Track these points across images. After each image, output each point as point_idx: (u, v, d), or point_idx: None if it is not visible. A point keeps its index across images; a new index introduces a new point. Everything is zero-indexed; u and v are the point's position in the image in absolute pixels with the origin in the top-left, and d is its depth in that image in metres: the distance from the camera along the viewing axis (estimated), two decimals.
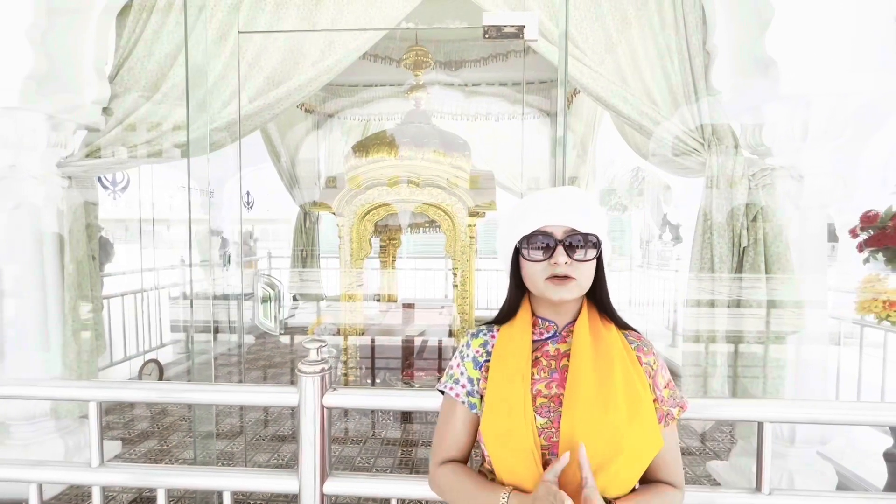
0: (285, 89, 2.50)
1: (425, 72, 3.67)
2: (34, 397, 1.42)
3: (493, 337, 0.95)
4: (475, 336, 0.96)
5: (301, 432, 1.21)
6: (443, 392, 0.96)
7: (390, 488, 1.23)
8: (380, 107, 4.56)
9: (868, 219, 2.41)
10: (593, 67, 2.35)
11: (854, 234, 2.48)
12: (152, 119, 2.53)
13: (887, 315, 2.37)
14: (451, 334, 3.54)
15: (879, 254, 2.37)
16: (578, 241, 0.86)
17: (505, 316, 0.95)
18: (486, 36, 2.16)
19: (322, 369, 1.22)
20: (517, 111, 4.46)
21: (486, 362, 0.92)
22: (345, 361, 3.41)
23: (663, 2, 2.35)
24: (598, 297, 0.92)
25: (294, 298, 5.14)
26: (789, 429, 2.27)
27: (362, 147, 3.39)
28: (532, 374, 0.88)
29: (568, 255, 0.85)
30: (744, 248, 2.27)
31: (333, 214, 3.33)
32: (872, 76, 2.05)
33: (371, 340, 3.52)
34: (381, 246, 4.45)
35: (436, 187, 3.24)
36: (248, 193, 6.93)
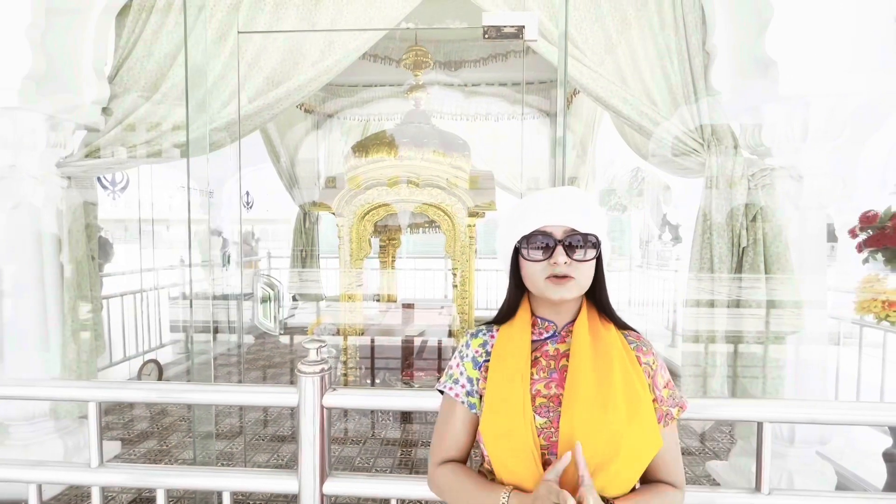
0: (285, 89, 2.50)
1: (425, 72, 3.67)
2: (33, 397, 1.42)
3: (493, 337, 0.95)
4: (475, 336, 0.96)
5: (301, 432, 1.21)
6: (442, 392, 0.96)
7: (390, 488, 1.23)
8: (379, 107, 4.56)
9: (867, 219, 2.41)
10: (593, 68, 2.35)
11: (853, 235, 2.48)
12: (152, 119, 2.53)
13: (886, 315, 2.37)
14: (451, 334, 3.54)
15: (879, 254, 2.37)
16: (578, 241, 0.86)
17: (504, 316, 0.95)
18: (486, 36, 2.16)
19: (322, 369, 1.21)
20: (517, 111, 4.46)
21: (486, 362, 0.92)
22: (344, 362, 3.41)
23: (663, 2, 2.35)
24: (598, 297, 0.93)
25: (294, 298, 5.14)
26: (789, 429, 2.28)
27: (362, 147, 3.39)
28: (531, 374, 0.88)
29: (567, 255, 0.85)
30: (743, 249, 2.27)
31: (333, 214, 3.33)
32: (872, 76, 2.05)
33: (371, 340, 3.52)
34: (381, 246, 4.45)
35: (435, 187, 3.24)
36: (248, 193, 6.93)
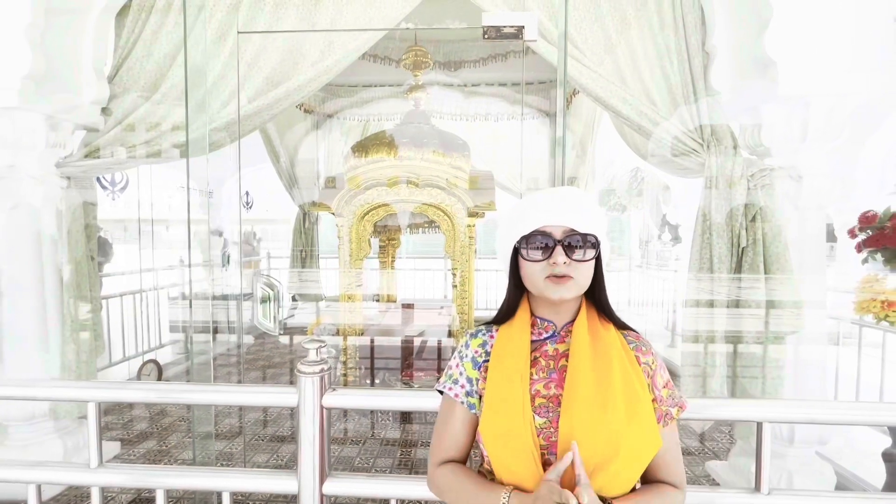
0: (284, 89, 2.50)
1: (424, 72, 3.67)
2: (33, 398, 1.42)
3: (492, 337, 0.95)
4: (474, 336, 0.96)
5: (300, 433, 1.21)
6: (442, 392, 0.95)
7: (389, 489, 1.23)
8: (379, 107, 4.56)
9: (866, 219, 2.41)
10: (592, 68, 2.35)
11: (853, 235, 2.48)
12: (151, 119, 2.52)
13: (886, 315, 2.37)
14: (451, 334, 3.54)
15: (878, 254, 2.37)
16: (577, 241, 0.86)
17: (504, 316, 0.95)
18: (486, 36, 2.16)
19: (321, 370, 1.21)
20: (516, 111, 4.46)
21: (485, 362, 0.92)
22: (344, 362, 3.41)
23: (662, 2, 2.35)
24: (597, 297, 0.93)
25: (293, 299, 5.14)
26: (788, 429, 2.28)
27: (361, 147, 3.38)
28: (531, 375, 0.88)
29: (567, 255, 0.85)
30: (743, 249, 2.27)
31: (333, 215, 3.33)
32: (871, 76, 2.05)
33: (370, 341, 3.52)
34: (381, 246, 4.45)
35: (435, 187, 3.24)
36: (248, 194, 6.93)
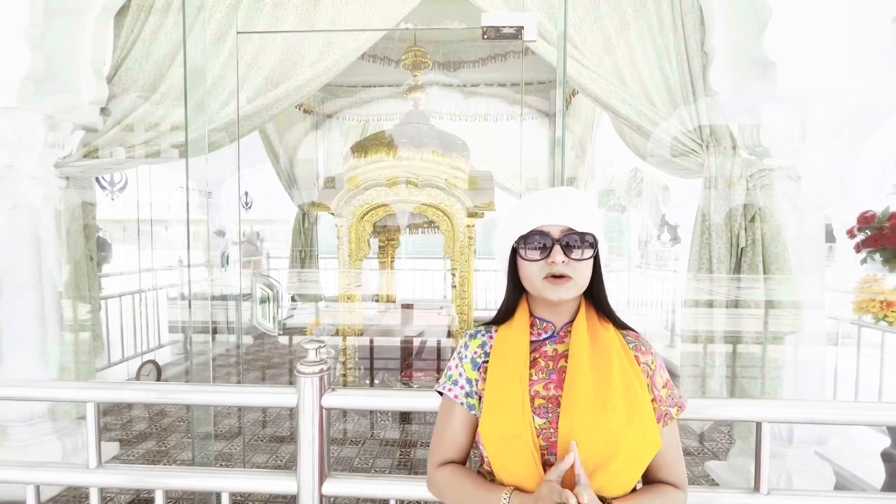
0: (284, 90, 2.50)
1: (424, 72, 3.67)
2: (32, 398, 1.41)
3: (492, 338, 0.94)
4: (473, 337, 0.96)
5: (299, 433, 1.21)
6: (441, 393, 0.95)
7: (389, 489, 1.23)
8: (378, 107, 4.56)
9: (865, 219, 2.41)
10: (592, 68, 2.35)
11: (851, 235, 2.48)
12: (150, 119, 2.52)
13: (884, 315, 2.38)
14: (450, 335, 3.54)
15: (877, 254, 2.37)
16: (575, 241, 0.86)
17: (503, 316, 0.95)
18: (485, 37, 2.16)
19: (321, 370, 1.21)
20: (516, 112, 4.46)
21: (485, 363, 0.92)
22: (343, 362, 3.41)
23: (661, 3, 2.36)
24: (596, 297, 0.92)
25: (292, 299, 5.13)
26: (787, 429, 2.28)
27: (361, 147, 3.38)
28: (530, 375, 0.87)
29: (565, 255, 0.85)
30: (742, 249, 2.27)
31: (332, 215, 3.33)
32: (870, 77, 2.06)
33: (370, 341, 3.51)
34: (380, 246, 4.45)
35: (434, 188, 3.24)
36: (247, 194, 6.93)
